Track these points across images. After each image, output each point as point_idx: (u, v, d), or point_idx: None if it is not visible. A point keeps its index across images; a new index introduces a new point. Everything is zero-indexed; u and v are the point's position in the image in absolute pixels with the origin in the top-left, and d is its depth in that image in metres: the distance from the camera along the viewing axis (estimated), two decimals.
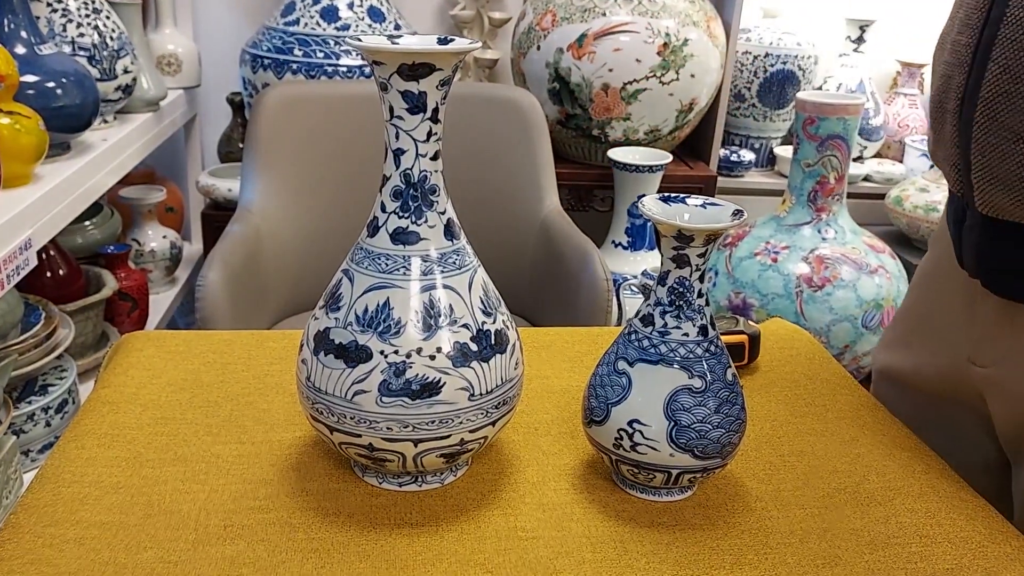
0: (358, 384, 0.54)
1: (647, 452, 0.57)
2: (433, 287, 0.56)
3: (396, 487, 0.60)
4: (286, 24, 1.71)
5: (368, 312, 0.55)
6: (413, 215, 0.56)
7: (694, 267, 0.57)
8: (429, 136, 0.55)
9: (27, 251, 1.02)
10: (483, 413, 0.57)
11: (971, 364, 0.72)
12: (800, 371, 0.81)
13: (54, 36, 1.35)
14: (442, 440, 0.56)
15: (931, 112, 0.70)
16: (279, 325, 1.46)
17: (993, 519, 0.61)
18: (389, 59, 0.52)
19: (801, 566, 0.55)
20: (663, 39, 1.68)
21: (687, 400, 0.57)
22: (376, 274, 0.56)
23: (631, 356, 0.59)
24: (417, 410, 0.54)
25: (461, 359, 0.55)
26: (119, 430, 0.66)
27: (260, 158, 1.45)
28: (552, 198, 1.53)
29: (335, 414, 0.56)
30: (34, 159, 1.09)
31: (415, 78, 0.53)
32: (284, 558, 0.53)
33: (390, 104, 0.54)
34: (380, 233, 0.56)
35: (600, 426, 0.59)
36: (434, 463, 0.58)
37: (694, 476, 0.59)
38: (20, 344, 1.21)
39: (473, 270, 0.58)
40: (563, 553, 0.55)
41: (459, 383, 0.55)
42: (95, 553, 0.53)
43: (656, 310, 0.58)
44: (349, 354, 0.55)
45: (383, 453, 0.56)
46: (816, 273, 1.65)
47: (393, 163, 0.55)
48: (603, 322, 1.28)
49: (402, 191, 0.56)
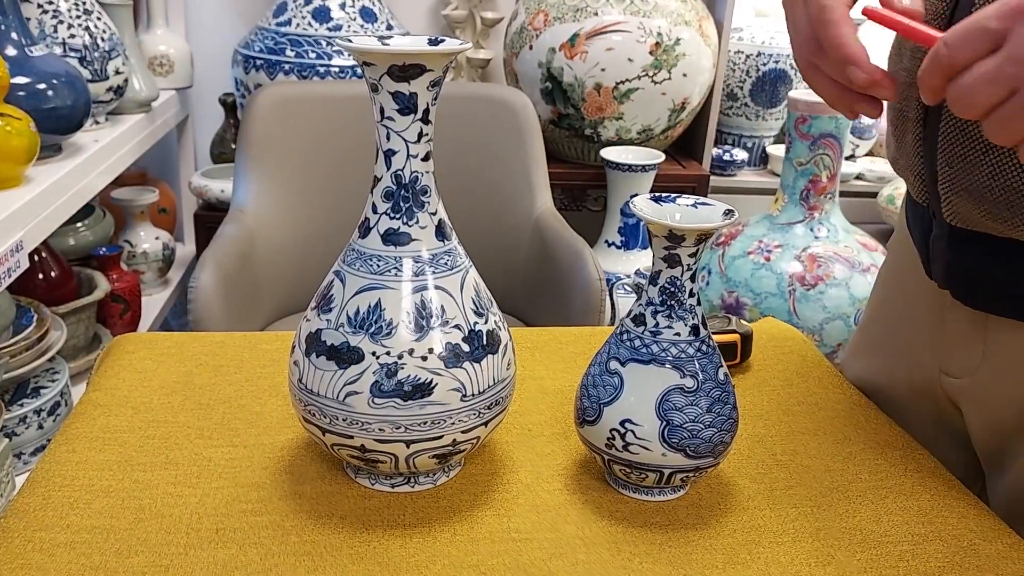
0: (350, 385, 0.54)
1: (639, 452, 0.57)
2: (425, 288, 0.55)
3: (389, 488, 0.60)
4: (278, 25, 1.71)
5: (360, 313, 0.55)
6: (404, 216, 0.56)
7: (685, 267, 0.57)
8: (420, 137, 0.55)
9: (19, 253, 1.01)
10: (475, 414, 0.57)
11: (943, 375, 0.69)
12: (792, 370, 0.81)
13: (45, 37, 1.34)
14: (434, 441, 0.56)
15: (891, 120, 0.68)
16: (272, 326, 1.45)
17: (984, 517, 0.61)
18: (379, 60, 0.52)
19: (794, 565, 0.55)
20: (655, 38, 1.68)
21: (679, 400, 0.57)
22: (368, 275, 0.56)
23: (623, 356, 0.59)
24: (409, 411, 0.54)
25: (453, 360, 0.55)
26: (110, 433, 0.65)
27: (253, 159, 1.45)
28: (545, 198, 1.53)
29: (327, 416, 0.56)
30: (25, 161, 1.09)
31: (406, 79, 0.52)
32: (276, 561, 0.53)
33: (381, 105, 0.54)
34: (371, 234, 0.56)
35: (592, 426, 0.59)
36: (426, 464, 0.58)
37: (686, 476, 0.59)
38: (12, 346, 1.21)
39: (465, 271, 0.58)
40: (557, 554, 0.55)
41: (451, 384, 0.55)
42: (85, 558, 0.52)
43: (648, 310, 0.58)
44: (341, 355, 0.55)
45: (375, 454, 0.56)
46: (809, 272, 1.66)
47: (384, 164, 0.55)
48: (596, 322, 1.28)
49: (393, 192, 0.55)
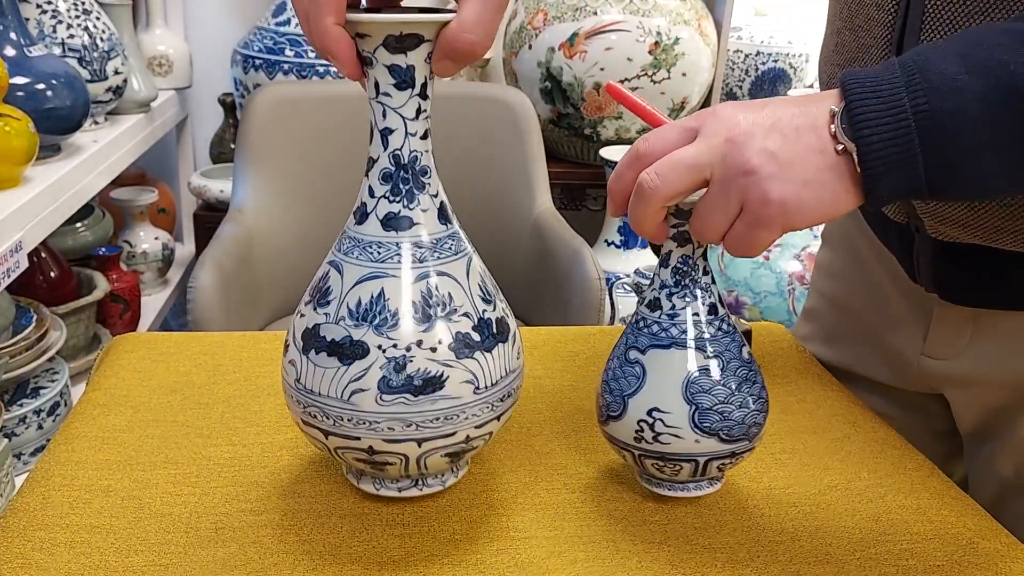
0: (355, 383, 0.51)
1: (671, 441, 0.55)
2: (429, 275, 0.52)
3: (395, 492, 0.57)
4: (277, 24, 1.71)
5: (361, 305, 0.51)
6: (405, 199, 0.52)
7: (696, 243, 0.54)
8: (418, 114, 0.51)
9: (18, 253, 1.01)
10: (488, 407, 0.53)
11: (924, 357, 0.71)
12: (790, 370, 0.81)
13: (44, 38, 1.34)
14: (447, 438, 0.53)
15: None
16: (272, 326, 1.45)
17: (983, 516, 0.61)
18: (375, 31, 0.49)
19: (793, 563, 0.55)
20: (654, 38, 1.68)
21: (706, 381, 0.54)
22: (368, 263, 0.52)
23: (642, 343, 0.56)
24: (420, 407, 0.51)
25: (464, 350, 0.52)
26: (110, 433, 0.65)
27: (252, 159, 1.45)
28: (544, 197, 1.54)
29: (330, 417, 0.52)
30: (24, 161, 1.09)
31: (403, 50, 0.49)
32: (276, 560, 0.53)
33: (375, 80, 0.50)
34: (369, 219, 0.53)
35: (618, 421, 0.56)
36: (438, 464, 0.55)
37: (723, 463, 0.56)
38: (11, 347, 1.21)
39: (470, 255, 0.55)
40: (556, 553, 0.55)
41: (463, 376, 0.52)
42: (85, 557, 0.53)
43: (662, 292, 0.56)
44: (344, 351, 0.51)
45: (384, 456, 0.53)
46: (808, 271, 1.66)
47: (381, 144, 0.52)
48: (596, 321, 1.28)
49: (392, 173, 0.52)
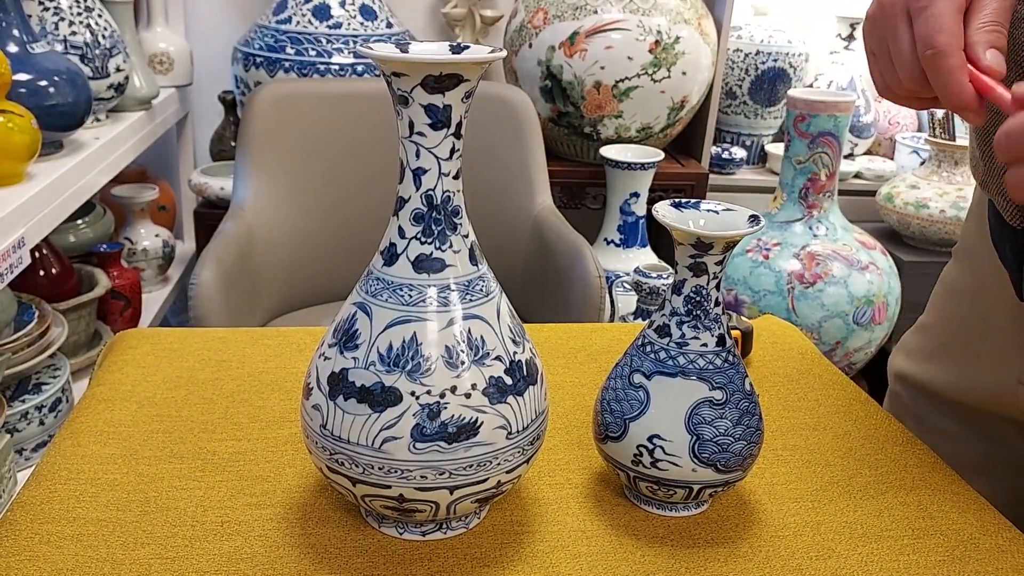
0: (387, 430, 0.49)
1: (668, 468, 0.55)
2: (462, 318, 0.51)
3: (419, 537, 0.55)
4: (278, 22, 1.71)
5: (393, 350, 0.50)
6: (437, 240, 0.51)
7: (711, 275, 0.54)
8: (452, 153, 0.50)
9: (20, 249, 1.01)
10: (520, 451, 0.53)
11: (1021, 385, 0.68)
12: (792, 366, 0.81)
13: (46, 34, 1.34)
14: (479, 485, 0.52)
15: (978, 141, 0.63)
16: (272, 323, 1.46)
17: (985, 511, 0.61)
18: (413, 71, 0.47)
19: (795, 559, 0.55)
20: (655, 37, 1.68)
21: (708, 413, 0.55)
22: (398, 307, 0.50)
23: (648, 369, 0.56)
24: (454, 455, 0.50)
25: (497, 395, 0.51)
26: (115, 427, 0.66)
27: (252, 156, 1.45)
28: (544, 196, 1.54)
29: (359, 465, 0.50)
30: (26, 158, 1.09)
31: (440, 90, 0.48)
32: (281, 554, 0.53)
33: (410, 120, 0.49)
34: (400, 261, 0.51)
35: (617, 442, 0.57)
36: (466, 508, 0.54)
37: (715, 490, 0.57)
38: (13, 343, 1.21)
39: (498, 297, 0.54)
40: (559, 547, 0.55)
41: (497, 421, 0.51)
42: (92, 550, 0.53)
43: (672, 320, 0.56)
44: (375, 397, 0.49)
45: (414, 504, 0.52)
46: (807, 270, 1.66)
47: (412, 184, 0.50)
48: (596, 319, 1.28)
49: (424, 214, 0.50)
